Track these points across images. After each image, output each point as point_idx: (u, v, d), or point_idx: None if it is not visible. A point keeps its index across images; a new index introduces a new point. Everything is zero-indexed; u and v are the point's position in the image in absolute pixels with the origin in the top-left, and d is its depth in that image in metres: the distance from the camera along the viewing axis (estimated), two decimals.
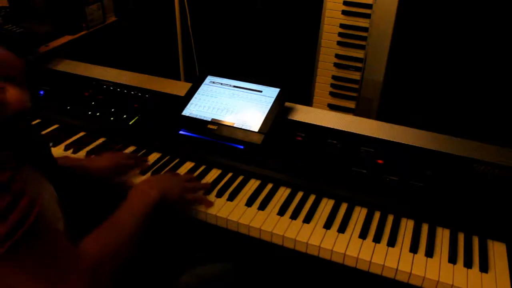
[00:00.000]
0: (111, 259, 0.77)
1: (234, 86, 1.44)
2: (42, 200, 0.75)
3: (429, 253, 0.97)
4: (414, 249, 0.98)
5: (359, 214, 1.08)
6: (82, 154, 1.28)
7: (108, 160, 1.16)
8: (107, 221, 0.84)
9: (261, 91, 1.41)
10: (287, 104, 1.45)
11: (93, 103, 1.48)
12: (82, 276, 0.69)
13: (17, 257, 0.62)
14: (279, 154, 1.24)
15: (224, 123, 1.33)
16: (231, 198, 1.12)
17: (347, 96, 2.12)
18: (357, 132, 1.32)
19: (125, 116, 1.41)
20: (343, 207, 1.10)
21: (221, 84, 1.45)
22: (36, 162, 0.81)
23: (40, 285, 0.65)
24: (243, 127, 1.31)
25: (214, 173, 1.22)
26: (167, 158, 1.27)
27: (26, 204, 0.63)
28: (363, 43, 1.99)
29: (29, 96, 0.77)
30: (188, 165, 1.25)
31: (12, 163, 0.65)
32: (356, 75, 2.06)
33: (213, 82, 1.46)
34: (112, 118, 1.41)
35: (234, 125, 1.32)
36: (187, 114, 1.38)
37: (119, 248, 0.80)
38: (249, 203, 1.11)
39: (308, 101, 2.22)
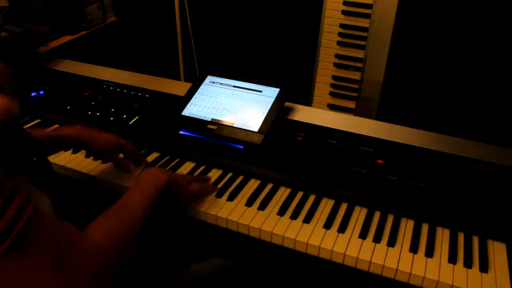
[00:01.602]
0: (118, 242, 0.75)
1: (234, 86, 1.44)
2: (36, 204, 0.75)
3: (429, 253, 0.97)
4: (414, 249, 0.98)
5: (359, 214, 1.08)
6: (81, 154, 1.28)
7: (111, 137, 1.17)
8: (116, 203, 0.83)
9: (261, 91, 1.41)
10: (287, 104, 1.45)
11: (93, 103, 1.48)
12: (89, 261, 0.68)
13: (17, 252, 0.61)
14: (279, 154, 1.24)
15: (224, 123, 1.33)
16: (231, 198, 1.12)
17: (347, 96, 2.12)
18: (357, 132, 1.32)
19: (125, 116, 1.41)
20: (343, 207, 1.10)
21: (221, 84, 1.45)
22: (28, 171, 0.79)
23: (47, 277, 0.64)
24: (243, 127, 1.31)
25: (214, 173, 1.22)
26: (167, 158, 1.27)
27: (20, 203, 0.63)
28: (363, 43, 1.99)
29: (17, 105, 0.76)
30: (188, 165, 1.25)
31: (3, 166, 0.65)
32: (356, 75, 2.06)
33: (213, 82, 1.46)
34: (112, 118, 1.41)
35: (234, 125, 1.32)
36: (187, 114, 1.38)
37: (128, 229, 0.79)
38: (249, 203, 1.11)
39: (308, 101, 2.22)
